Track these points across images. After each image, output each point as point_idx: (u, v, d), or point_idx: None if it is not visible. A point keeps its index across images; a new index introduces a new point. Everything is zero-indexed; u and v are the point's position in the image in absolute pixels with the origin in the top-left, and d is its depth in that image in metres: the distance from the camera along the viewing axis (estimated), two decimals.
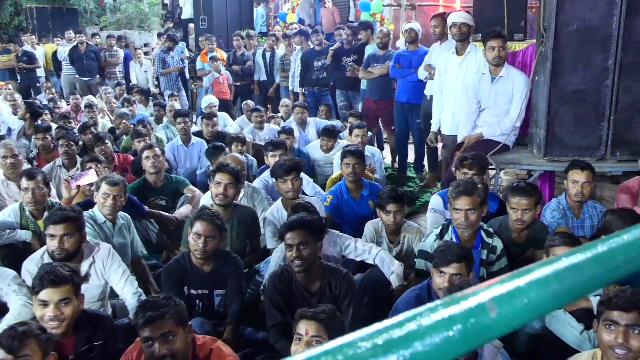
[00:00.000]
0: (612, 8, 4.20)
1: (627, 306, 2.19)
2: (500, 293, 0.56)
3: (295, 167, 4.21)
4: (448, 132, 5.50)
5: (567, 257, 0.64)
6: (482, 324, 0.53)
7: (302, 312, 2.51)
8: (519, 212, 3.61)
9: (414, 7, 9.39)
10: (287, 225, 3.17)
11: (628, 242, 0.71)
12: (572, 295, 0.63)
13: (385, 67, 6.93)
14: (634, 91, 4.36)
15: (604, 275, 0.67)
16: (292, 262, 3.11)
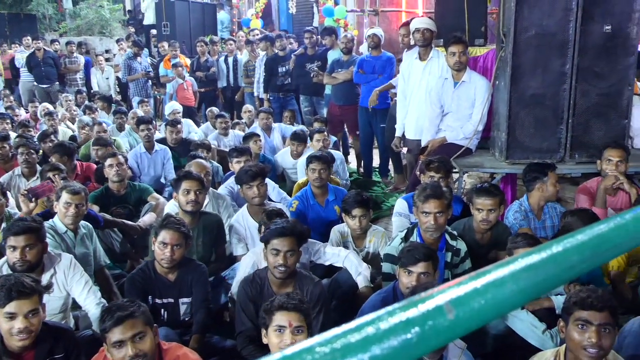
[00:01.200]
0: (568, 14, 4.31)
1: (599, 306, 2.22)
2: (458, 295, 0.57)
3: (260, 172, 4.21)
4: (412, 136, 5.56)
5: (523, 258, 0.66)
6: (439, 325, 0.54)
7: (280, 303, 2.49)
8: (484, 212, 3.67)
9: (377, 12, 9.47)
10: (278, 231, 3.11)
11: (582, 242, 0.73)
12: (528, 295, 0.64)
13: (349, 72, 6.97)
14: (590, 94, 4.47)
15: (559, 275, 0.69)
16: (276, 268, 3.09)
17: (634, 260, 3.71)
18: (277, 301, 2.51)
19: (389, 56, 6.70)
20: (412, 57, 5.57)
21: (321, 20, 10.47)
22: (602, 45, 4.39)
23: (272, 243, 3.09)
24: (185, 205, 3.93)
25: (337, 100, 7.24)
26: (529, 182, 4.05)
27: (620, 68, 4.45)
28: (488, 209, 3.66)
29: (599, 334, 2.20)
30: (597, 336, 2.19)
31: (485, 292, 0.58)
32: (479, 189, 3.78)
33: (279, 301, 2.50)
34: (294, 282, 3.18)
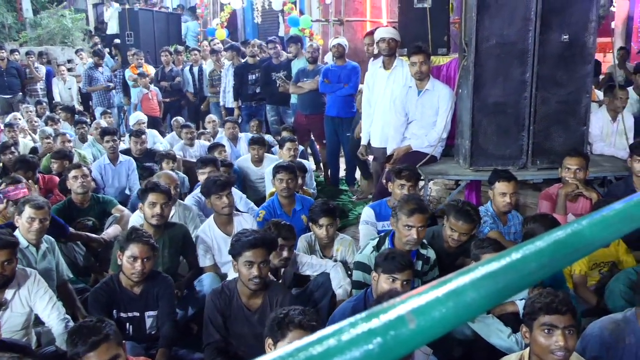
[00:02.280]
0: (527, 24, 4.41)
1: (563, 309, 2.26)
2: (419, 304, 0.58)
3: (228, 182, 4.20)
4: (378, 145, 5.60)
5: (483, 266, 0.67)
6: (401, 335, 0.54)
7: (299, 322, 2.35)
8: (456, 233, 3.57)
9: (341, 22, 9.55)
10: (250, 242, 3.05)
11: (540, 249, 0.74)
12: (489, 302, 0.65)
13: (315, 81, 7.00)
14: (550, 102, 4.58)
15: (519, 281, 0.70)
16: (250, 280, 3.05)
17: (595, 264, 3.79)
18: (296, 319, 2.36)
19: (354, 65, 6.75)
20: (377, 66, 5.63)
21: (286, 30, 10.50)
22: (561, 54, 4.50)
23: (245, 255, 3.04)
24: (150, 219, 3.88)
25: (303, 110, 7.25)
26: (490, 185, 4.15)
27: (578, 76, 4.56)
28: (462, 232, 3.56)
29: (565, 337, 2.24)
30: (563, 339, 2.23)
31: (446, 301, 0.59)
32: (459, 210, 3.56)
33: (298, 319, 2.36)
34: (264, 293, 3.16)
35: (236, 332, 3.14)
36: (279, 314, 2.41)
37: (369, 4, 10.07)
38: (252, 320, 3.08)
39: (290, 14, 9.64)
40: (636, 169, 4.24)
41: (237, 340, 3.14)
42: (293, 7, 9.73)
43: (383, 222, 4.21)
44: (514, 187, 4.01)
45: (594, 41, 4.56)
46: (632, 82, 7.46)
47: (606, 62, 10.48)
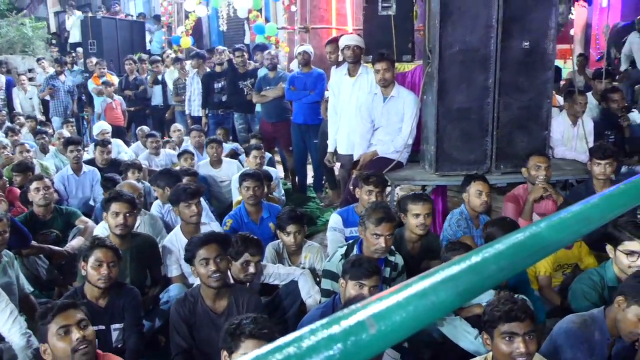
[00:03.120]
0: (489, 31, 4.48)
1: (522, 316, 2.30)
2: (380, 309, 0.58)
3: (198, 191, 4.20)
4: (344, 152, 5.62)
5: (443, 270, 0.67)
6: (362, 341, 0.54)
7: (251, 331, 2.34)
8: (421, 216, 3.74)
9: (307, 29, 9.56)
10: (201, 240, 3.11)
11: (499, 252, 0.75)
12: (449, 306, 0.66)
13: (279, 88, 7.02)
14: (512, 108, 4.65)
15: (479, 284, 0.71)
16: (209, 277, 3.04)
17: (559, 266, 3.87)
18: (248, 328, 2.35)
19: (320, 72, 6.78)
20: (342, 74, 5.66)
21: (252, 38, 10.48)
22: (522, 61, 4.58)
23: (199, 254, 3.06)
24: (114, 229, 3.82)
25: (268, 118, 7.25)
26: (462, 190, 4.20)
27: (539, 82, 4.65)
28: (425, 213, 3.76)
29: (526, 343, 2.28)
30: (524, 345, 2.27)
31: (406, 305, 0.59)
32: (413, 196, 3.90)
33: (249, 329, 2.35)
34: (229, 294, 3.14)
35: (204, 339, 3.11)
36: (231, 325, 2.41)
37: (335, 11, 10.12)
38: (219, 323, 3.05)
39: (255, 21, 9.63)
40: (596, 172, 4.33)
41: (206, 347, 3.10)
42: (258, 15, 9.73)
43: (351, 228, 4.22)
44: (489, 186, 4.11)
45: (553, 48, 4.66)
46: (591, 87, 7.66)
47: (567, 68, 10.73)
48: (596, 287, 3.13)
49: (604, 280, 3.16)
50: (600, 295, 3.12)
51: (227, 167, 6.17)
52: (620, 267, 3.09)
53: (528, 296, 3.34)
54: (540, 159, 4.34)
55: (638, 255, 3.01)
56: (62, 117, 9.63)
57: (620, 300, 2.57)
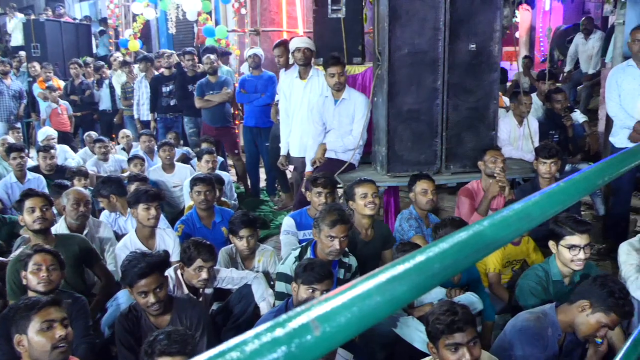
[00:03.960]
0: (437, 33, 4.56)
1: (464, 327, 2.35)
2: (325, 311, 0.58)
3: (159, 195, 4.16)
4: (296, 154, 5.62)
5: (388, 270, 0.68)
6: (306, 343, 0.54)
7: (163, 349, 2.35)
8: (368, 195, 3.86)
9: (258, 32, 9.52)
10: (139, 273, 2.93)
11: (443, 250, 0.77)
12: (394, 305, 0.67)
13: (224, 93, 7.00)
14: (461, 109, 4.75)
15: (423, 283, 0.72)
16: (149, 307, 2.95)
17: (508, 262, 3.96)
18: (159, 346, 2.35)
19: (270, 75, 6.77)
20: (293, 76, 5.66)
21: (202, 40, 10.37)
22: (469, 62, 4.68)
23: (138, 286, 2.94)
24: (32, 225, 3.74)
25: (212, 123, 7.21)
26: (409, 190, 4.26)
27: (486, 83, 4.76)
28: (372, 192, 3.87)
29: (470, 350, 2.33)
30: (469, 353, 2.32)
31: (351, 306, 0.60)
32: (357, 180, 4.02)
33: (161, 346, 2.35)
34: (172, 309, 3.08)
35: None
36: (146, 344, 2.40)
37: (285, 14, 10.11)
38: None
39: (205, 24, 9.52)
40: (541, 171, 4.46)
41: None
42: (208, 18, 9.62)
43: (304, 231, 4.22)
44: (433, 185, 4.18)
45: (499, 50, 4.77)
46: (536, 88, 7.88)
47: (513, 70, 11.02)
48: (541, 282, 3.22)
49: (549, 275, 3.26)
50: (546, 289, 3.22)
51: (179, 171, 6.09)
52: (563, 261, 3.20)
53: (479, 294, 3.42)
54: (497, 152, 4.48)
55: (579, 248, 3.11)
56: (6, 123, 9.31)
57: (585, 304, 2.65)
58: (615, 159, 1.46)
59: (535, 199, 1.02)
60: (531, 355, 2.67)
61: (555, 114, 6.15)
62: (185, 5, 9.15)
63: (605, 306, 2.58)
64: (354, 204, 3.90)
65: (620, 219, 5.05)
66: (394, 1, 4.48)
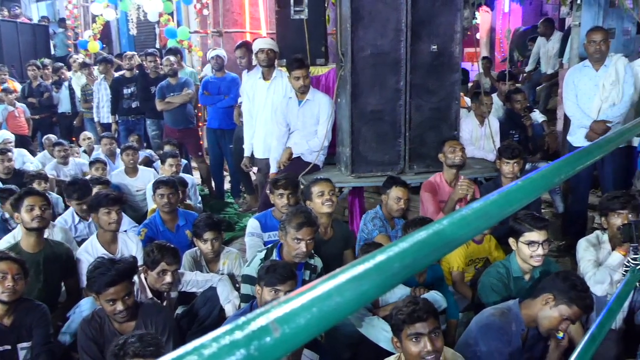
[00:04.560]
0: (399, 34, 4.60)
1: (425, 316, 2.39)
2: (284, 312, 0.58)
3: (120, 199, 4.11)
4: (261, 156, 5.61)
5: (348, 270, 0.68)
6: (265, 345, 0.54)
7: (136, 351, 2.30)
8: (325, 193, 3.89)
9: (220, 33, 9.47)
10: (108, 281, 2.87)
11: (403, 250, 0.77)
12: (355, 305, 0.67)
13: (186, 94, 6.95)
14: (423, 109, 4.80)
15: (383, 282, 0.72)
16: (116, 315, 2.90)
17: (471, 260, 4.02)
18: (132, 348, 2.31)
19: (233, 77, 6.74)
20: (256, 77, 5.64)
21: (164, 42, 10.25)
22: (431, 63, 4.73)
23: (106, 294, 2.89)
24: (30, 223, 3.68)
25: (175, 125, 7.14)
26: (382, 191, 4.29)
27: (448, 84, 4.82)
28: (328, 190, 3.90)
29: (432, 340, 2.37)
30: (431, 343, 2.36)
31: (310, 307, 0.60)
32: (314, 180, 4.05)
33: (134, 348, 2.31)
34: (137, 316, 3.03)
35: None
36: (115, 345, 2.36)
37: (248, 15, 10.07)
38: None
39: (167, 25, 9.42)
40: (504, 171, 4.53)
41: None
42: (170, 19, 9.52)
43: (269, 232, 4.21)
44: (408, 193, 4.22)
45: (460, 51, 4.84)
46: (496, 89, 8.01)
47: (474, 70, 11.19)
48: (502, 278, 3.28)
49: (509, 271, 3.32)
50: (507, 285, 3.28)
51: (142, 175, 6.01)
52: (523, 258, 3.26)
53: (443, 292, 3.47)
54: (455, 142, 4.52)
55: (537, 244, 3.18)
56: None
57: (548, 297, 2.71)
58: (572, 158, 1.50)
59: (494, 198, 1.04)
60: (495, 350, 2.72)
61: (515, 114, 6.26)
62: (146, 6, 9.04)
63: (568, 298, 2.65)
64: (311, 203, 3.92)
65: (579, 216, 5.18)
66: (356, 2, 4.50)
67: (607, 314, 2.26)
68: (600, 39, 4.74)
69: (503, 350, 2.73)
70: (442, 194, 4.50)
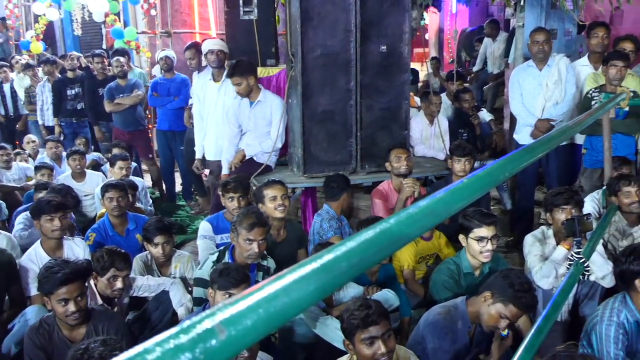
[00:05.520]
0: (349, 35, 4.63)
1: (378, 320, 2.41)
2: (230, 314, 0.58)
3: (63, 204, 3.98)
4: (212, 158, 5.55)
5: (295, 270, 0.68)
6: (211, 348, 0.54)
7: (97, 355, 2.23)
8: (278, 198, 3.87)
9: (169, 34, 9.33)
10: (60, 279, 2.80)
11: (350, 249, 0.78)
12: (302, 305, 0.67)
13: (135, 96, 6.83)
14: (374, 109, 4.84)
15: (331, 282, 0.73)
16: (68, 317, 2.82)
17: (422, 258, 4.08)
18: (97, 351, 2.24)
19: (183, 78, 6.66)
20: (206, 79, 5.58)
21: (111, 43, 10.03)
22: (380, 64, 4.78)
23: (58, 293, 2.81)
24: None
25: (125, 127, 7.00)
26: (331, 191, 4.30)
27: (397, 84, 4.88)
28: (281, 194, 3.88)
29: (385, 342, 2.39)
30: (384, 345, 2.38)
31: (257, 308, 0.59)
32: (265, 182, 4.02)
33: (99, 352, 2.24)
34: (87, 322, 2.96)
35: None
36: (77, 351, 2.29)
37: (197, 15, 9.96)
38: None
39: (113, 25, 9.22)
40: (456, 169, 4.61)
41: None
42: (116, 19, 9.32)
43: (221, 235, 4.18)
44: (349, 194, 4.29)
45: (409, 51, 4.91)
46: (445, 88, 8.16)
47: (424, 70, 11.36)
48: (453, 275, 3.35)
49: (460, 267, 3.39)
50: (457, 282, 3.34)
51: (90, 179, 5.85)
52: (472, 254, 3.34)
53: (395, 290, 3.51)
54: (400, 150, 4.55)
55: (486, 240, 3.26)
56: None
57: (487, 295, 2.77)
58: (515, 155, 1.54)
59: (440, 196, 1.06)
60: (440, 347, 2.78)
61: (464, 113, 6.39)
62: (91, 6, 8.81)
63: (505, 297, 2.71)
64: (263, 206, 3.90)
65: (526, 213, 5.32)
66: (305, 3, 4.51)
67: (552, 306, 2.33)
68: (543, 39, 4.88)
69: (448, 348, 2.79)
70: (391, 201, 4.55)
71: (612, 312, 2.85)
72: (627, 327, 2.81)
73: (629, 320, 2.82)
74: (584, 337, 2.96)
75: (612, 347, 2.79)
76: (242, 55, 5.19)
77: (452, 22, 12.18)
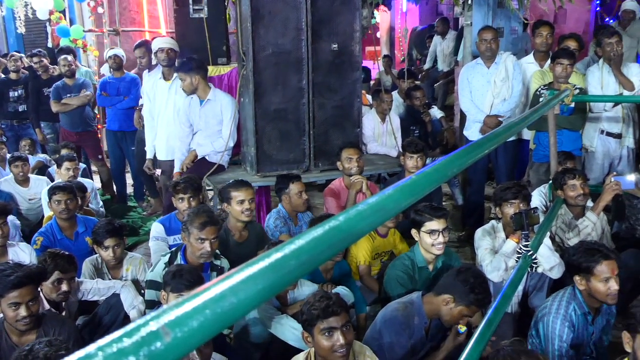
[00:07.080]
0: (300, 33, 4.63)
1: (338, 310, 2.43)
2: (176, 316, 0.57)
3: (4, 209, 3.87)
4: (164, 157, 5.47)
5: (243, 270, 0.68)
6: (155, 351, 0.53)
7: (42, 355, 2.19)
8: (245, 202, 3.82)
9: (117, 32, 9.13)
10: (12, 283, 2.72)
11: (299, 247, 0.78)
12: (250, 305, 0.66)
13: (84, 96, 6.67)
14: (326, 107, 4.86)
15: (279, 281, 0.72)
16: (18, 321, 2.74)
17: (377, 254, 4.11)
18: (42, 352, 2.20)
19: (133, 77, 6.52)
20: (156, 77, 5.49)
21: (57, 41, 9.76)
22: (332, 62, 4.79)
23: (9, 297, 2.73)
24: None
25: (73, 128, 6.82)
26: (278, 192, 4.30)
27: (349, 82, 4.90)
28: (249, 198, 3.84)
29: (344, 334, 2.41)
30: (343, 337, 2.40)
31: (203, 309, 0.59)
32: (234, 183, 3.95)
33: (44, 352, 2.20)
34: (38, 328, 2.88)
35: None
36: (21, 352, 2.24)
37: (147, 13, 9.77)
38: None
39: (58, 23, 8.96)
40: (409, 165, 4.67)
41: None
42: (62, 17, 9.06)
43: (174, 236, 4.12)
44: (302, 186, 4.27)
45: (360, 49, 4.94)
46: (397, 86, 8.25)
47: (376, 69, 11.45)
48: (407, 270, 3.39)
49: (414, 262, 3.44)
50: (412, 277, 3.39)
51: (35, 184, 5.65)
52: (425, 247, 3.39)
53: (350, 287, 3.53)
54: (351, 151, 4.57)
55: (438, 232, 3.32)
56: None
57: (448, 299, 2.82)
58: (463, 152, 1.57)
59: (389, 193, 1.07)
60: (397, 343, 2.82)
61: (415, 110, 6.48)
62: (35, 3, 8.55)
63: (467, 301, 2.78)
64: (229, 207, 3.86)
65: (476, 207, 5.43)
66: (255, 2, 4.49)
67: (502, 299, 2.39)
68: (490, 37, 4.99)
69: (404, 344, 2.84)
70: (343, 199, 4.58)
71: (560, 304, 2.94)
72: (574, 320, 2.90)
73: (577, 313, 2.91)
74: (533, 328, 3.05)
75: (556, 339, 2.88)
76: (193, 53, 5.12)
77: (403, 20, 12.31)
